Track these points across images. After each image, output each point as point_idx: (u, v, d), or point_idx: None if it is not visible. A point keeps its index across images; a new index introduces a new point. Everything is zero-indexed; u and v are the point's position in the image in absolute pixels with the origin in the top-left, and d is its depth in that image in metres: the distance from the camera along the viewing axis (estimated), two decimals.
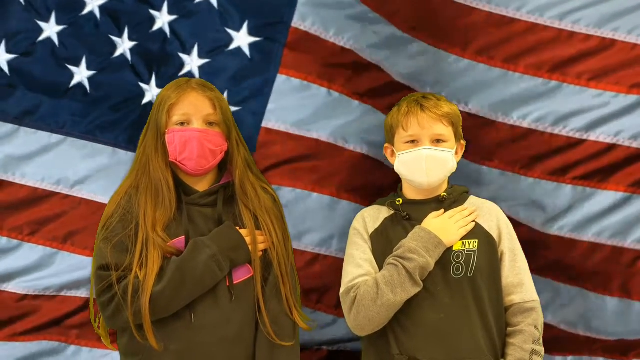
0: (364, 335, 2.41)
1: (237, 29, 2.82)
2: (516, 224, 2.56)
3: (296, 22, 2.81)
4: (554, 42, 2.79)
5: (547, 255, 2.88)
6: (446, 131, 2.43)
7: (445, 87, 2.85)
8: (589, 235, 2.85)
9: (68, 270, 2.97)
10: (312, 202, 2.88)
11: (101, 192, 2.93)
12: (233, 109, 2.63)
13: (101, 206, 2.83)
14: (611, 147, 2.82)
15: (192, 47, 2.86)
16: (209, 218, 2.43)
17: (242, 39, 2.82)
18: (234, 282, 2.38)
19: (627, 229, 2.84)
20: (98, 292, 2.34)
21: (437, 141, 2.42)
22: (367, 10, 2.80)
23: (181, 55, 2.88)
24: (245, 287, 2.40)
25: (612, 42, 2.78)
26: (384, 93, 2.85)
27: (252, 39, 2.82)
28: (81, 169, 2.97)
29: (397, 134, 2.46)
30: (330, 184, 2.88)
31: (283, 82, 2.83)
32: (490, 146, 2.86)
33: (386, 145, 2.53)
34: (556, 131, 2.82)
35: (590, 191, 2.84)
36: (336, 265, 2.61)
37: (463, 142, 2.51)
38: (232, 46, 2.83)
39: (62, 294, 2.97)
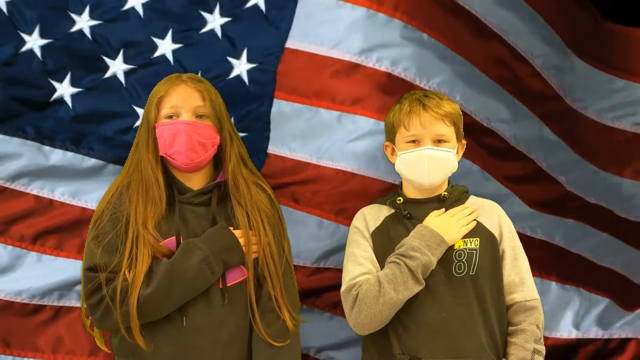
0: (365, 334, 2.40)
1: (238, 56, 2.80)
2: None
3: (290, 42, 2.80)
4: None
5: None
6: (448, 131, 2.42)
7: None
8: None
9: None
10: (316, 225, 2.84)
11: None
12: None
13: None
14: None
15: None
16: (203, 217, 2.39)
17: (241, 67, 2.80)
18: (228, 285, 2.35)
19: None
20: (86, 294, 2.31)
21: (439, 141, 2.41)
22: (373, 14, 2.80)
23: None
24: (239, 289, 2.37)
25: None
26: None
27: (250, 65, 2.80)
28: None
29: (399, 133, 2.45)
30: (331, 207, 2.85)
31: (280, 106, 2.80)
32: None
33: (386, 143, 2.52)
34: None
35: None
36: None
37: (464, 142, 2.51)
38: (233, 74, 2.81)
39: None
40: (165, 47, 2.87)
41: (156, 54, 2.87)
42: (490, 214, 2.46)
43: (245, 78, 2.80)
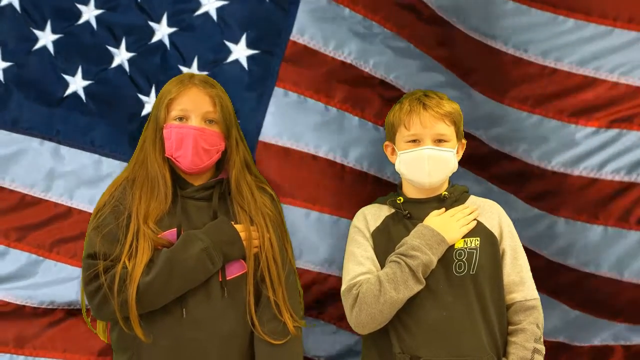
0: (365, 333, 2.40)
1: (236, 41, 2.80)
2: None
3: (294, 35, 2.80)
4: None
5: None
6: (448, 131, 2.42)
7: None
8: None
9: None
10: (310, 219, 2.82)
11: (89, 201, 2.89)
12: None
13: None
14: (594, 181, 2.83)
15: (192, 60, 2.84)
16: (204, 212, 2.40)
17: (240, 52, 2.80)
18: (227, 278, 2.36)
19: None
20: (85, 281, 2.31)
21: (439, 141, 2.42)
22: (369, 23, 2.81)
23: (181, 67, 2.85)
24: (238, 283, 2.37)
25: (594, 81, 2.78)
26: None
27: (251, 52, 2.80)
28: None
29: (399, 133, 2.45)
30: (328, 201, 2.83)
31: (281, 96, 2.80)
32: None
33: (386, 143, 2.52)
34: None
35: None
36: None
37: (464, 142, 2.51)
38: (231, 59, 2.80)
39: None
40: (162, 32, 2.86)
41: (154, 40, 2.87)
42: (491, 214, 2.46)
43: (245, 64, 2.81)
